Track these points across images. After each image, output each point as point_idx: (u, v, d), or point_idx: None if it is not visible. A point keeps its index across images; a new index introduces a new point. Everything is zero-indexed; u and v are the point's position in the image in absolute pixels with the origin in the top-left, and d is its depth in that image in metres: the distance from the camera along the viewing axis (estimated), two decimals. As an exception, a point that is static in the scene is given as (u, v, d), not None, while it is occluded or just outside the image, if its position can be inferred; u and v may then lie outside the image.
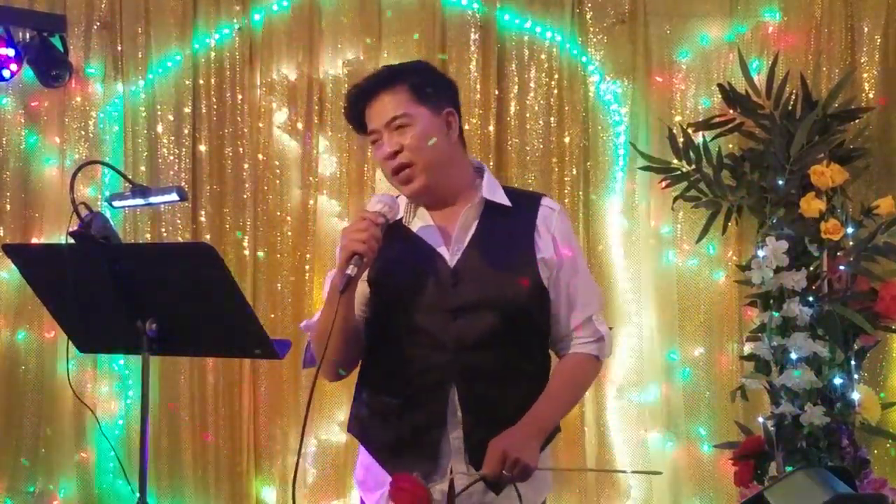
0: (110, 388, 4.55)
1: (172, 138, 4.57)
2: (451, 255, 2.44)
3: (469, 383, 2.39)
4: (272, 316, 4.47)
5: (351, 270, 2.26)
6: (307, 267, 4.50)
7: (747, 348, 4.16)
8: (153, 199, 2.71)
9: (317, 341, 2.43)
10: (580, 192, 4.47)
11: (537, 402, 2.43)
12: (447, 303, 2.38)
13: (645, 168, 4.29)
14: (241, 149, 4.56)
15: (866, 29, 4.31)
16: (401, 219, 2.47)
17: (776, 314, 3.87)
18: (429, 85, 2.47)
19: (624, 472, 4.29)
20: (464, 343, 2.38)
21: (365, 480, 2.55)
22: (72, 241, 2.37)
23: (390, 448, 2.47)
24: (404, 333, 2.41)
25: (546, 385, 2.48)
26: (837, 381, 3.86)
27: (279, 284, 4.52)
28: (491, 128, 4.46)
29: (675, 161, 4.20)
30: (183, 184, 4.45)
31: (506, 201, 2.50)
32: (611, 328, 2.60)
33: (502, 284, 2.42)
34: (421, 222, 2.49)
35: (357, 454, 2.61)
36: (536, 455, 2.36)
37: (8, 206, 4.62)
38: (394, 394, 2.45)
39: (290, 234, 4.53)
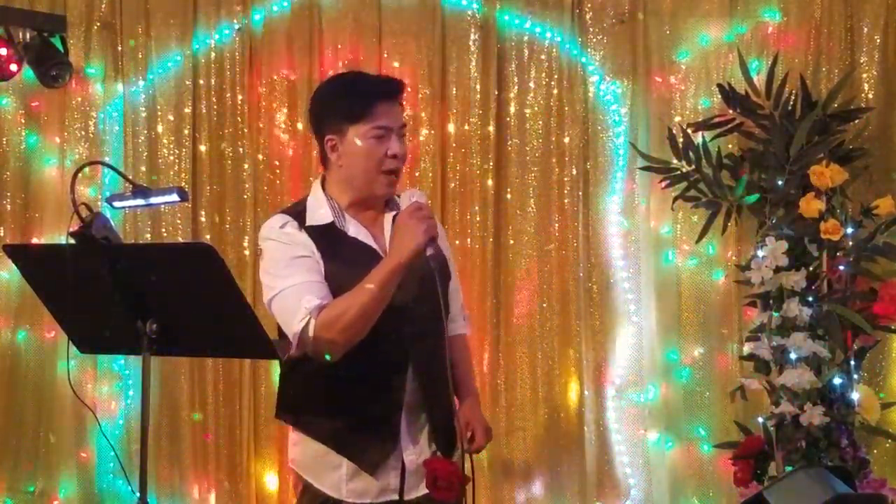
0: (110, 388, 4.55)
1: (172, 138, 4.57)
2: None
3: (422, 368, 2.59)
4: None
5: (429, 251, 2.45)
6: (307, 267, 4.49)
7: (747, 348, 4.16)
8: (154, 200, 2.72)
9: (363, 312, 2.46)
10: (580, 192, 4.47)
11: (466, 380, 2.81)
12: (393, 300, 2.51)
13: (645, 168, 4.29)
14: (241, 149, 4.56)
15: (866, 29, 4.32)
16: (333, 223, 2.63)
17: (776, 314, 3.87)
18: None
19: None
20: (414, 333, 2.56)
21: (312, 466, 2.67)
22: (72, 241, 2.37)
23: (346, 434, 2.62)
24: None
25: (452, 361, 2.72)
26: (837, 381, 3.86)
27: (279, 284, 4.51)
28: (491, 128, 4.47)
29: (675, 161, 4.20)
30: (183, 184, 4.45)
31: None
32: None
33: (436, 280, 2.61)
34: (354, 227, 2.65)
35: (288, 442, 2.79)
36: None
37: (8, 207, 4.62)
38: (349, 384, 2.58)
39: (290, 234, 4.53)
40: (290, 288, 2.53)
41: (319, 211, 2.64)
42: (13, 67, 4.42)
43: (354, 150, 2.60)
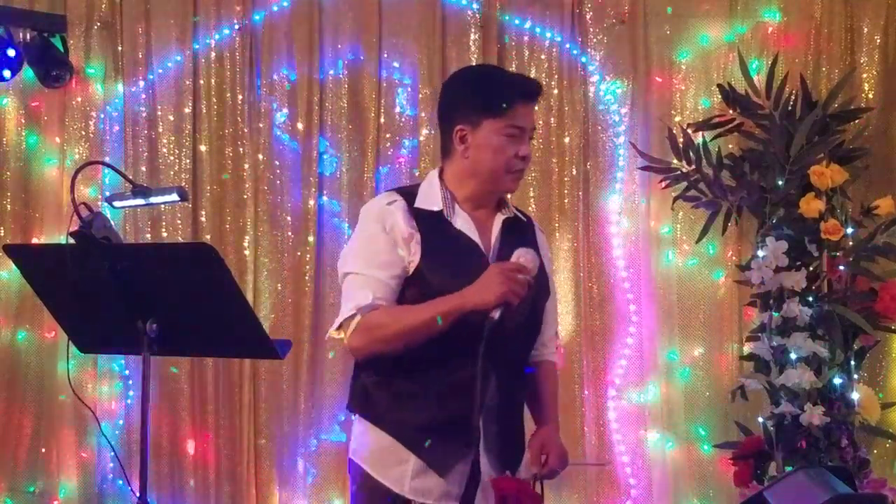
0: (110, 388, 4.54)
1: (172, 138, 4.56)
2: (490, 256, 2.61)
3: (506, 372, 2.54)
4: (272, 316, 4.47)
5: (495, 314, 2.39)
6: (307, 267, 4.50)
7: (747, 348, 4.17)
8: (154, 200, 2.72)
9: (403, 333, 2.47)
10: (580, 192, 4.47)
11: (547, 405, 2.73)
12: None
13: (645, 168, 4.30)
14: (241, 149, 4.56)
15: (866, 29, 4.32)
16: (441, 211, 2.59)
17: (776, 314, 3.88)
18: None
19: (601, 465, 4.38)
20: (502, 335, 2.46)
21: (377, 459, 2.58)
22: (72, 241, 2.37)
23: (422, 431, 2.53)
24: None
25: (538, 385, 2.74)
26: (837, 381, 3.86)
27: (279, 284, 4.52)
28: (491, 128, 4.46)
29: (675, 161, 4.20)
30: (183, 184, 4.44)
31: (521, 216, 2.75)
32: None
33: (536, 287, 2.58)
34: (462, 220, 2.60)
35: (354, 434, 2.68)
36: None
37: (8, 206, 4.61)
38: (433, 380, 2.52)
39: (290, 234, 4.53)
40: (358, 275, 2.52)
41: (431, 197, 2.60)
42: (14, 66, 4.43)
43: (486, 144, 2.56)
